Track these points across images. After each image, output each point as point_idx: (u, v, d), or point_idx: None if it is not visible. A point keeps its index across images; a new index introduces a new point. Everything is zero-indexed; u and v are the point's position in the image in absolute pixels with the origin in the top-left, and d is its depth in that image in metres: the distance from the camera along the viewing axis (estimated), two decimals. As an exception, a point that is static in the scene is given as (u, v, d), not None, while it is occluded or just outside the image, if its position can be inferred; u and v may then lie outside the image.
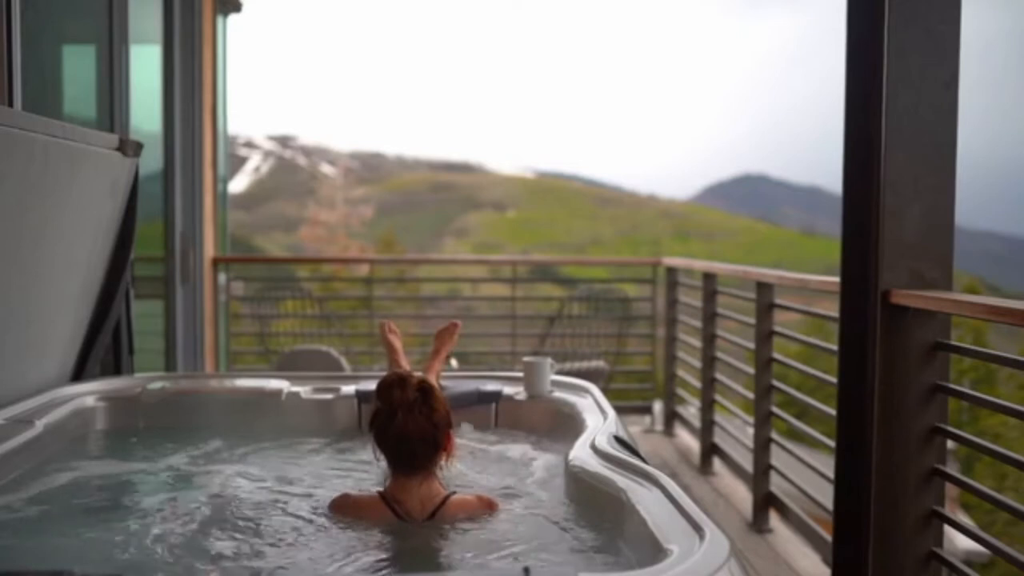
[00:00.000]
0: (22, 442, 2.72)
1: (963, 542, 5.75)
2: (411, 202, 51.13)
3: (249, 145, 53.55)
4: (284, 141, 55.60)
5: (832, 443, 2.90)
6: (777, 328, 4.34)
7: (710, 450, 5.30)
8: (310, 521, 2.32)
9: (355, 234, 37.24)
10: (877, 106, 2.64)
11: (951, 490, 2.79)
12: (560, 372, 3.57)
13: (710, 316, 5.32)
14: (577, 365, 5.85)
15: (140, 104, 5.20)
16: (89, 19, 4.84)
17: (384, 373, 3.43)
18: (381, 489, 2.32)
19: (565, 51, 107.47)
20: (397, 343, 3.46)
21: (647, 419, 6.60)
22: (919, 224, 2.66)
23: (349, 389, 3.41)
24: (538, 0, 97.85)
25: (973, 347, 2.80)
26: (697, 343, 5.61)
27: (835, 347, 2.84)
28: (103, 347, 3.58)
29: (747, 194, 64.89)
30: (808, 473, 3.99)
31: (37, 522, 2.36)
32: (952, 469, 2.67)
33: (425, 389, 2.29)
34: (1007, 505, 2.42)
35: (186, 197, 5.90)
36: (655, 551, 1.77)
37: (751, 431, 4.42)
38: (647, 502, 2.02)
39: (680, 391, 6.28)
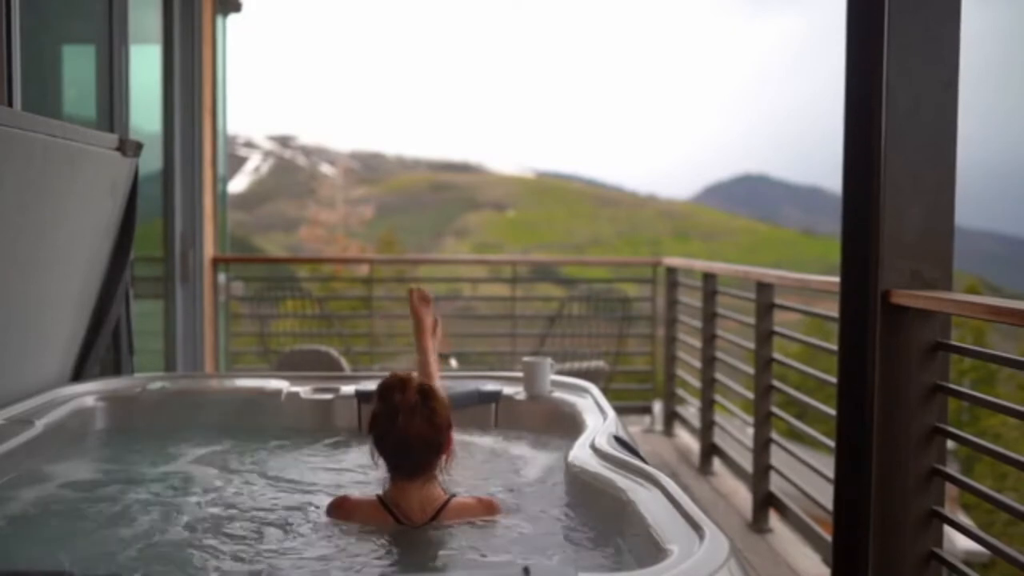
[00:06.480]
0: (22, 442, 2.72)
1: (963, 542, 5.75)
2: (411, 202, 51.13)
3: (249, 145, 53.56)
4: (284, 141, 55.62)
5: (832, 443, 2.90)
6: (777, 328, 4.34)
7: (710, 450, 5.29)
8: (309, 523, 2.31)
9: (355, 234, 37.23)
10: (877, 106, 2.64)
11: (951, 490, 2.79)
12: (560, 372, 3.57)
13: (710, 316, 5.31)
14: (577, 365, 5.85)
15: (140, 104, 5.19)
16: (89, 19, 4.84)
17: (385, 373, 3.43)
18: (380, 492, 2.30)
19: (565, 51, 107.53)
20: (427, 318, 3.13)
21: (647, 419, 6.59)
22: (919, 224, 2.65)
23: (349, 389, 3.41)
24: (538, 0, 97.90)
25: (973, 347, 2.80)
26: (697, 343, 5.61)
27: (835, 347, 2.84)
28: (103, 347, 3.58)
29: (747, 194, 64.90)
30: (808, 473, 3.99)
31: (37, 522, 2.36)
32: (952, 469, 2.67)
33: (426, 391, 2.26)
34: (1007, 505, 2.42)
35: (186, 197, 5.89)
36: (655, 551, 1.77)
37: (751, 431, 4.42)
38: (647, 502, 2.02)
39: (680, 391, 6.28)
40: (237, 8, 6.73)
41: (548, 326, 6.52)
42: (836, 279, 2.84)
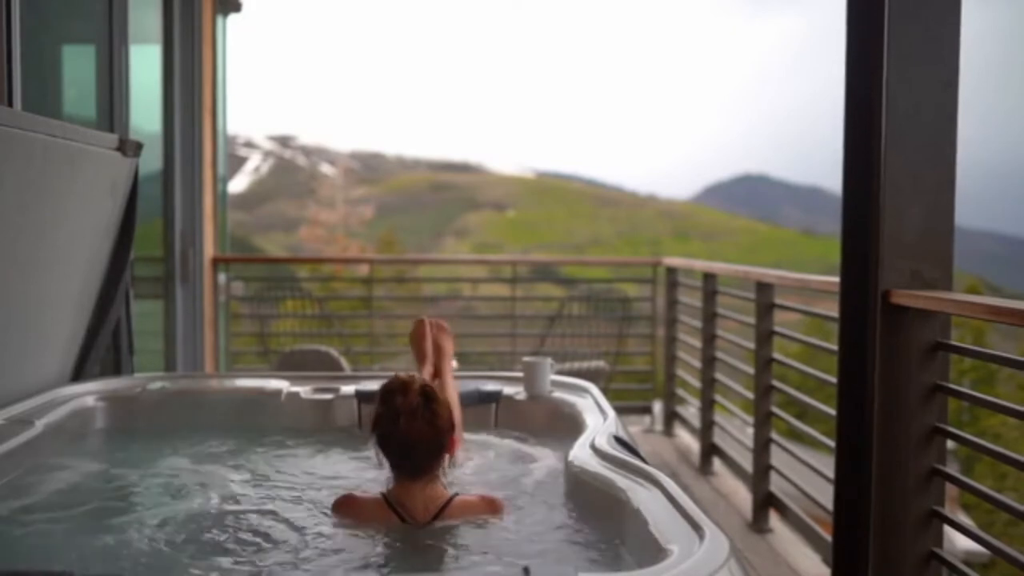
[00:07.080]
0: (22, 442, 2.72)
1: (963, 542, 5.75)
2: (411, 202, 51.13)
3: (249, 145, 53.55)
4: (284, 141, 55.60)
5: (832, 443, 2.90)
6: (777, 328, 4.34)
7: (710, 450, 5.29)
8: (310, 522, 2.31)
9: (355, 234, 37.22)
10: (877, 106, 2.64)
11: (951, 490, 2.79)
12: (560, 372, 3.57)
13: (710, 316, 5.32)
14: (577, 365, 5.85)
15: (140, 104, 5.20)
16: (89, 19, 4.84)
17: (385, 373, 3.43)
18: (384, 491, 2.31)
19: (565, 51, 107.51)
20: (448, 345, 3.09)
21: (647, 419, 6.60)
22: (919, 224, 2.65)
23: (349, 389, 3.41)
24: (538, 0, 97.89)
25: (973, 347, 2.80)
26: (697, 343, 5.61)
27: (835, 347, 2.84)
28: (103, 347, 3.58)
29: (747, 194, 64.89)
30: (808, 473, 3.99)
31: (37, 522, 2.36)
32: (952, 469, 2.67)
33: (428, 393, 2.28)
34: (1007, 505, 2.42)
35: (186, 197, 5.89)
36: (655, 551, 1.77)
37: (751, 431, 4.42)
38: (647, 502, 2.02)
39: (680, 391, 6.28)
40: (237, 8, 6.73)
41: (548, 326, 6.52)
42: (836, 279, 2.85)
